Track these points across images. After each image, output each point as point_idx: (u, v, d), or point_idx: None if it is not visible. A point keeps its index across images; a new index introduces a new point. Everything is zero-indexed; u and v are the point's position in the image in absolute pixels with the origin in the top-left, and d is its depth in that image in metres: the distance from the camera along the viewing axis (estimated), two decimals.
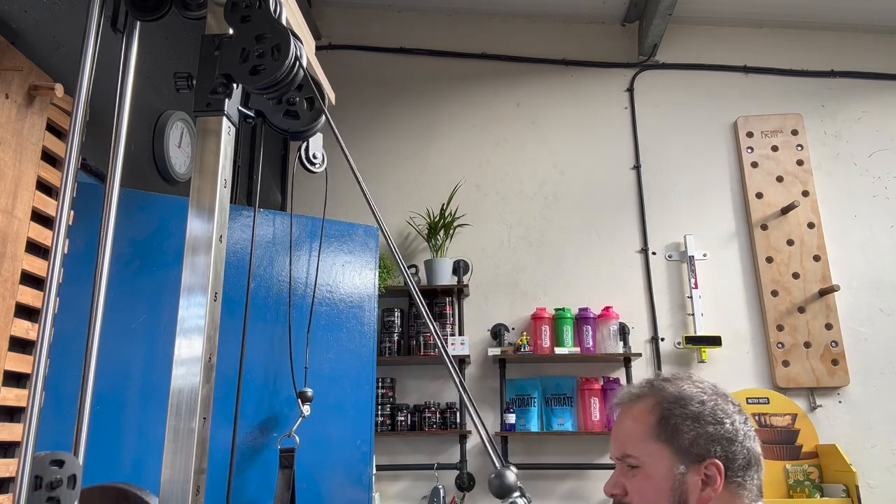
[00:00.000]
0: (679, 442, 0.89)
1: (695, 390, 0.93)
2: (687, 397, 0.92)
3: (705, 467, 0.88)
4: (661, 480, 0.88)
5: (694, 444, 0.89)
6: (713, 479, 0.87)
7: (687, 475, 0.88)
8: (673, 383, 0.95)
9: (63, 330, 1.10)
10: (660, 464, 0.89)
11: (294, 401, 1.63)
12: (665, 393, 0.94)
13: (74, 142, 1.11)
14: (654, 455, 0.90)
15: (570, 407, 3.20)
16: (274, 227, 1.79)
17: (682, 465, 0.88)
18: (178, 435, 0.88)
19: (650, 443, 0.91)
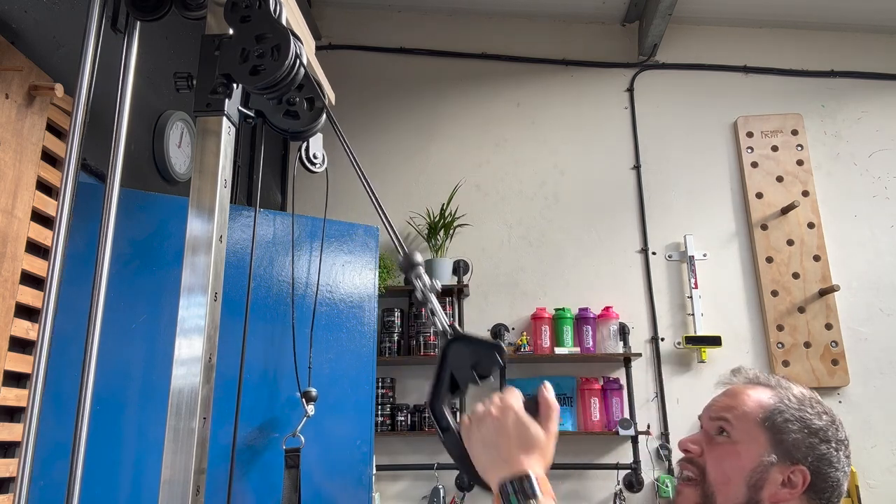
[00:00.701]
0: (781, 436, 0.89)
1: (818, 406, 0.94)
2: (808, 406, 0.92)
3: (792, 471, 0.88)
4: (747, 460, 0.88)
5: (795, 447, 0.89)
6: (794, 485, 0.87)
7: (773, 467, 0.88)
8: (799, 387, 0.96)
9: (63, 330, 1.10)
10: (752, 443, 0.89)
11: (295, 401, 1.63)
12: (790, 392, 0.94)
13: (74, 142, 1.11)
14: (752, 435, 0.90)
15: (570, 407, 3.20)
16: (274, 227, 1.79)
17: (775, 455, 0.88)
18: (178, 435, 0.88)
19: (754, 424, 0.90)
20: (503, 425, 0.76)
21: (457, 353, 0.84)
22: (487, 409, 0.79)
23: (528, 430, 0.76)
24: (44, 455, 1.12)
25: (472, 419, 0.80)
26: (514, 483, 0.72)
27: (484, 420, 0.78)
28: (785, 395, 0.93)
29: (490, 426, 0.77)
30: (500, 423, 0.77)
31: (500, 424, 0.76)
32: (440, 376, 0.84)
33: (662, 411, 3.19)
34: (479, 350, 0.84)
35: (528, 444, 0.75)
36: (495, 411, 0.78)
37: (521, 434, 0.76)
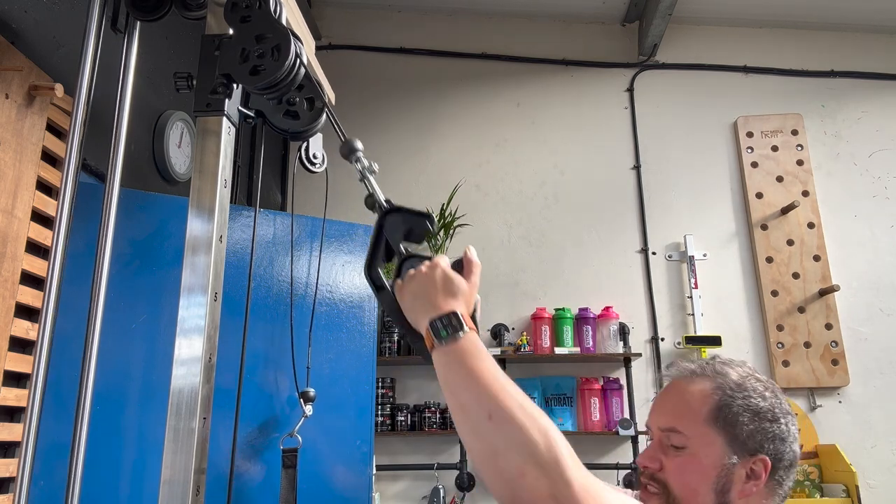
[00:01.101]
0: (734, 432, 0.88)
1: (756, 384, 0.92)
2: (750, 389, 0.91)
3: (753, 462, 0.87)
4: (709, 466, 0.87)
5: (749, 438, 0.87)
6: (758, 475, 0.87)
7: (735, 465, 0.87)
8: (735, 370, 0.94)
9: (63, 330, 1.10)
10: (710, 449, 0.87)
11: (294, 401, 1.63)
12: (727, 379, 0.92)
13: (74, 142, 1.11)
14: (706, 439, 0.88)
15: (570, 407, 3.20)
16: (274, 227, 1.79)
17: (734, 455, 0.87)
18: (178, 435, 0.88)
19: (704, 426, 0.89)
20: (431, 278, 0.84)
21: (392, 224, 0.93)
22: (418, 269, 0.86)
23: (453, 280, 0.83)
24: (44, 455, 1.12)
25: (404, 279, 0.87)
26: (442, 319, 0.78)
27: (415, 277, 0.85)
28: (726, 383, 0.91)
29: (420, 280, 0.84)
30: (428, 277, 0.84)
31: (429, 277, 0.84)
32: (376, 244, 0.92)
33: None
34: (411, 220, 0.92)
35: (452, 291, 0.82)
36: (425, 269, 0.85)
37: (447, 284, 0.83)
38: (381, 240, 0.92)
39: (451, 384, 0.74)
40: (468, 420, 0.71)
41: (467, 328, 0.77)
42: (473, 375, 0.72)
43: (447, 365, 0.75)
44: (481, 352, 0.75)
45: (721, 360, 0.97)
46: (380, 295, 0.89)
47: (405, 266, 0.90)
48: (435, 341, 0.77)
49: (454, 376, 0.74)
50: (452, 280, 0.83)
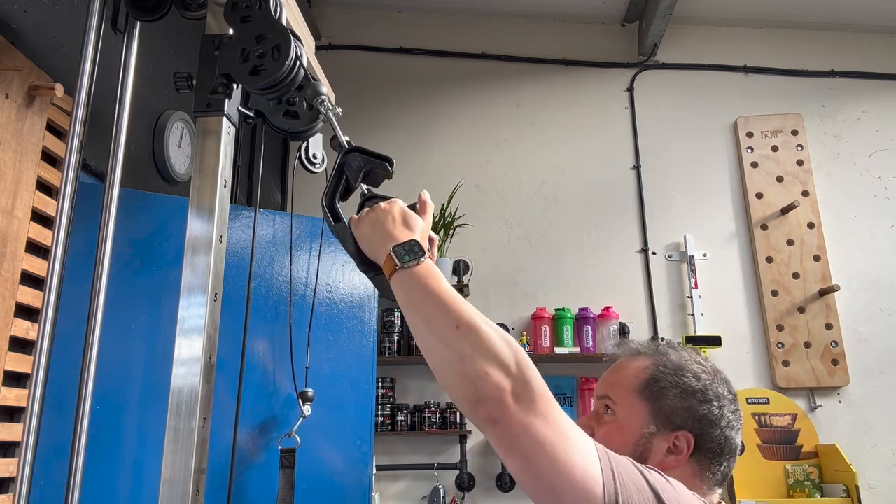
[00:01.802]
0: (660, 404, 0.90)
1: (695, 365, 0.93)
2: (684, 368, 0.92)
3: (676, 437, 0.88)
4: (629, 434, 0.89)
5: (674, 413, 0.89)
6: (680, 450, 0.88)
7: (655, 437, 0.88)
8: (677, 352, 0.96)
9: (63, 330, 1.10)
10: (633, 418, 0.90)
11: (294, 401, 1.63)
12: (665, 358, 0.94)
13: (74, 142, 1.11)
14: (631, 408, 0.91)
15: (570, 407, 3.20)
16: (274, 227, 1.79)
17: (653, 425, 0.89)
18: (178, 435, 0.88)
19: (633, 397, 0.92)
20: (389, 211, 0.90)
21: (353, 161, 0.96)
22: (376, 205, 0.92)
23: (411, 215, 0.90)
24: (44, 455, 1.12)
25: (360, 214, 0.92)
26: (404, 245, 0.84)
27: (374, 210, 0.91)
28: (662, 361, 0.93)
29: (379, 213, 0.90)
30: (386, 211, 0.90)
31: (387, 211, 0.90)
32: (336, 180, 0.95)
33: None
34: (371, 161, 0.96)
35: (410, 225, 0.89)
36: (383, 205, 0.91)
37: (405, 218, 0.89)
38: (342, 176, 0.96)
39: (415, 301, 0.79)
40: (433, 331, 0.76)
41: (427, 255, 0.83)
42: (439, 292, 0.78)
43: (409, 286, 0.80)
44: (440, 275, 0.81)
45: (668, 343, 0.99)
46: (336, 226, 0.92)
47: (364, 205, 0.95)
48: (398, 263, 0.82)
49: (418, 294, 0.79)
50: (410, 215, 0.90)
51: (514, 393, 0.69)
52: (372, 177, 0.97)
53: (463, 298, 0.79)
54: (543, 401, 0.70)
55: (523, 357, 0.73)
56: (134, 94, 1.19)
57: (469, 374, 0.71)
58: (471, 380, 0.71)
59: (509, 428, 0.69)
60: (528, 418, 0.69)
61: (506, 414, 0.69)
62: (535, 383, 0.71)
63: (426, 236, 0.92)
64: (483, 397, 0.70)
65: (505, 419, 0.69)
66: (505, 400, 0.69)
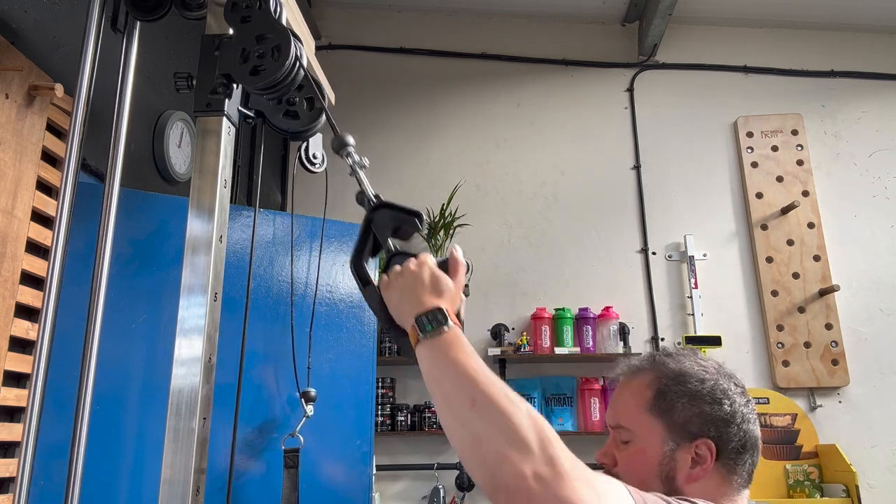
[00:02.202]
0: (673, 418, 0.88)
1: (696, 368, 0.92)
2: (687, 374, 0.91)
3: (696, 446, 0.86)
4: (652, 456, 0.88)
5: (688, 423, 0.87)
6: (703, 459, 0.86)
7: (677, 452, 0.87)
8: (675, 359, 0.94)
9: (63, 330, 1.10)
10: (651, 438, 0.88)
11: (295, 401, 1.63)
12: (665, 368, 0.93)
13: (74, 142, 1.11)
14: (646, 429, 0.89)
15: (570, 407, 3.20)
16: (274, 227, 1.79)
17: (672, 441, 0.87)
18: (178, 435, 0.88)
19: (644, 416, 0.90)
20: (419, 275, 0.86)
21: (381, 219, 0.93)
22: (406, 265, 0.88)
23: (440, 279, 0.86)
24: (44, 455, 1.12)
25: (390, 275, 0.88)
26: (427, 315, 0.80)
27: (402, 273, 0.87)
28: (662, 372, 0.92)
29: (407, 277, 0.86)
30: (415, 275, 0.86)
31: (416, 275, 0.86)
32: (364, 238, 0.92)
33: None
34: (400, 216, 0.92)
35: (439, 289, 0.84)
36: (413, 266, 0.87)
37: (434, 282, 0.85)
38: (369, 234, 0.93)
39: (435, 375, 0.76)
40: (451, 409, 0.72)
41: (452, 323, 0.79)
42: (456, 365, 0.74)
43: (431, 358, 0.77)
44: (465, 345, 0.77)
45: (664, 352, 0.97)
46: (365, 290, 0.90)
47: (392, 262, 0.90)
48: (420, 335, 0.79)
49: (437, 368, 0.76)
50: (439, 278, 0.86)
51: (538, 476, 0.62)
52: (401, 232, 0.93)
53: (486, 369, 0.73)
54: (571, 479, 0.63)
55: (548, 433, 0.66)
56: (134, 94, 1.19)
57: (486, 459, 0.65)
58: (487, 465, 0.65)
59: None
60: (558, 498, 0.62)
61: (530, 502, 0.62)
62: (561, 461, 0.64)
63: (456, 299, 0.86)
64: (501, 486, 0.64)
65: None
66: (525, 486, 0.62)
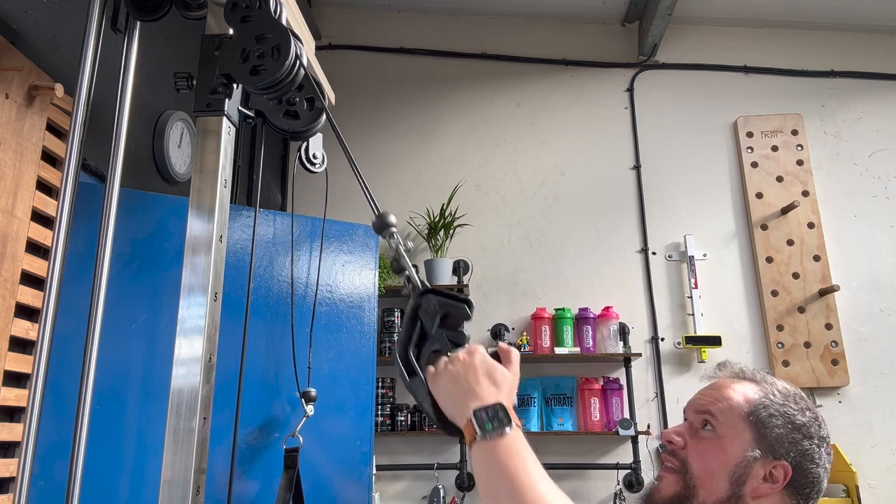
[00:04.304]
0: (765, 432, 0.90)
1: (801, 401, 0.94)
2: (792, 401, 0.93)
3: (774, 466, 0.88)
4: (732, 455, 0.89)
5: (778, 442, 0.89)
6: (776, 480, 0.88)
7: (756, 462, 0.88)
8: (783, 384, 0.96)
9: (63, 330, 1.10)
10: (737, 440, 0.89)
11: (295, 401, 1.63)
12: (775, 387, 0.94)
13: (74, 142, 1.11)
14: (736, 429, 0.90)
15: (570, 407, 3.20)
16: (274, 227, 1.79)
17: (758, 450, 0.89)
18: (178, 435, 0.88)
19: (738, 419, 0.91)
20: (472, 364, 0.79)
21: (427, 306, 0.86)
22: (455, 355, 0.82)
23: (496, 369, 0.79)
24: (44, 455, 1.12)
25: (438, 366, 0.82)
26: (488, 411, 0.73)
27: (453, 362, 0.81)
28: (770, 390, 0.94)
29: (459, 366, 0.79)
30: (468, 363, 0.79)
31: (469, 364, 0.79)
32: (411, 325, 0.86)
33: (662, 411, 3.19)
34: (448, 304, 0.86)
35: (496, 380, 0.78)
36: (463, 355, 0.81)
37: (490, 371, 0.79)
38: (416, 321, 0.87)
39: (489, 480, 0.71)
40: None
41: (514, 424, 0.73)
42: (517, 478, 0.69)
43: (488, 462, 0.72)
44: (525, 450, 0.72)
45: (772, 375, 0.99)
46: (412, 381, 0.83)
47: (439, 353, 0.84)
48: (478, 434, 0.72)
49: (493, 473, 0.71)
50: (496, 368, 0.80)
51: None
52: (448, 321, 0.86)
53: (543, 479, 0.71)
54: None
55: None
56: (134, 94, 1.19)
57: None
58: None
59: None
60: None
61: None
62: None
63: (513, 394, 0.81)
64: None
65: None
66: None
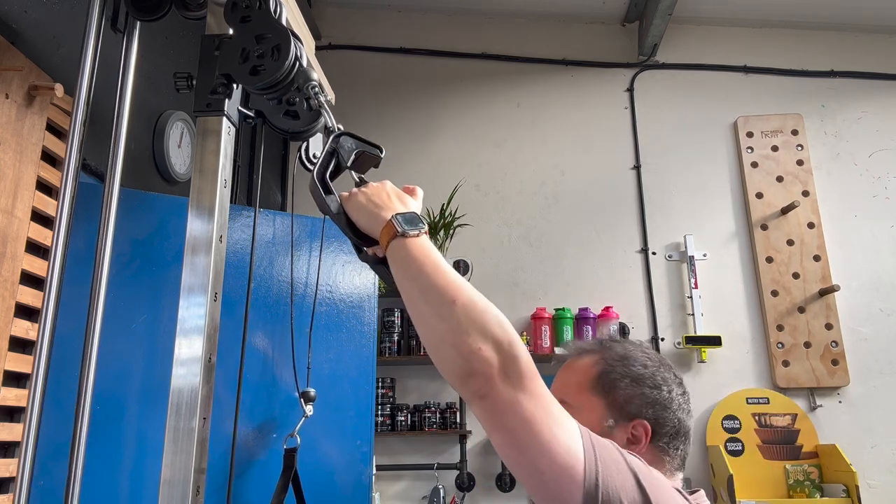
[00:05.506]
0: (614, 397, 0.92)
1: (640, 354, 0.97)
2: (631, 358, 0.95)
3: (633, 426, 0.90)
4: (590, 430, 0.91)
5: (627, 402, 0.92)
6: (638, 439, 0.90)
7: (614, 430, 0.90)
8: (621, 345, 0.99)
9: (63, 330, 1.10)
10: (591, 414, 0.92)
11: (293, 401, 1.63)
12: (612, 351, 0.97)
13: (74, 142, 1.11)
14: (587, 405, 0.93)
15: None
16: (274, 227, 1.79)
17: (611, 418, 0.91)
18: (178, 435, 0.88)
19: (586, 393, 0.94)
20: (384, 188, 0.89)
21: (345, 143, 0.95)
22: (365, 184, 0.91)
23: (403, 194, 0.90)
24: (44, 455, 1.12)
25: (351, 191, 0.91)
26: (406, 215, 0.83)
27: (367, 186, 0.90)
28: (608, 355, 0.97)
29: (373, 189, 0.89)
30: (381, 187, 0.89)
31: (382, 188, 0.89)
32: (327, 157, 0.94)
33: None
34: (364, 144, 0.96)
35: (406, 200, 0.88)
36: (374, 184, 0.90)
37: (400, 195, 0.89)
38: (333, 155, 0.94)
39: (413, 270, 0.78)
40: (430, 304, 0.75)
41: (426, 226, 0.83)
42: (439, 266, 0.78)
43: (409, 255, 0.79)
44: (436, 249, 0.81)
45: (611, 338, 1.02)
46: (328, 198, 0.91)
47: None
48: (399, 230, 0.81)
49: (417, 264, 0.78)
50: (403, 194, 0.90)
51: (503, 370, 0.71)
52: (361, 161, 0.97)
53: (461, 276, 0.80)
54: (531, 379, 0.72)
55: (515, 337, 0.74)
56: (134, 94, 1.19)
57: (461, 349, 0.71)
58: (462, 354, 0.71)
59: (496, 403, 0.70)
60: (516, 395, 0.70)
61: (494, 390, 0.70)
62: (523, 362, 0.73)
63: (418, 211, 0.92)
64: (473, 372, 0.70)
65: (493, 395, 0.70)
66: (494, 376, 0.70)
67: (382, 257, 0.85)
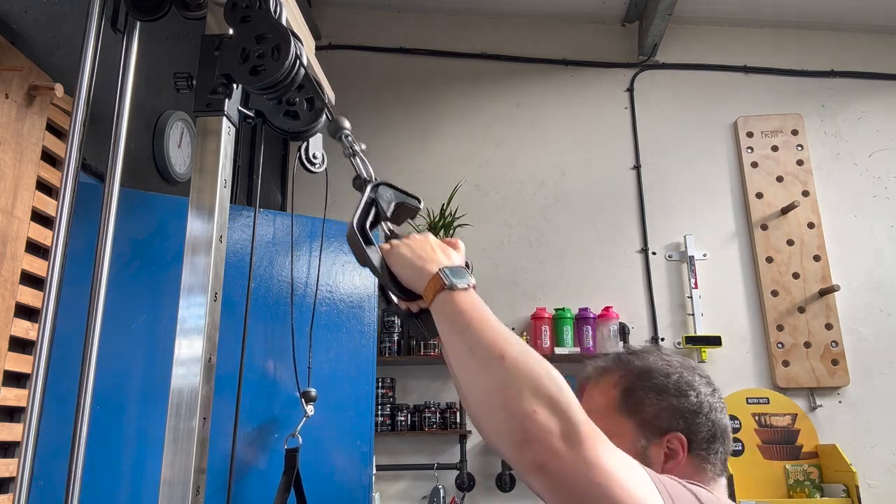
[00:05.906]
0: (641, 415, 0.89)
1: (660, 363, 0.93)
2: (652, 370, 0.92)
3: (667, 441, 0.87)
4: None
5: (656, 417, 0.89)
6: (676, 453, 0.87)
7: (649, 448, 0.87)
8: (640, 356, 0.95)
9: (63, 330, 1.10)
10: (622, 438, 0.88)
11: (294, 401, 1.63)
12: (631, 366, 0.94)
13: (74, 142, 1.11)
14: (618, 429, 0.89)
15: None
16: (274, 227, 1.79)
17: (643, 438, 0.88)
18: (178, 435, 0.88)
19: (613, 417, 0.91)
20: (428, 240, 0.86)
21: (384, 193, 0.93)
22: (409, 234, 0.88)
23: (447, 247, 0.86)
24: (44, 455, 1.12)
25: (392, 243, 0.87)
26: (452, 268, 0.79)
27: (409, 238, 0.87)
28: (627, 371, 0.94)
29: (416, 241, 0.86)
30: (424, 240, 0.86)
31: (426, 240, 0.86)
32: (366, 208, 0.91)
33: None
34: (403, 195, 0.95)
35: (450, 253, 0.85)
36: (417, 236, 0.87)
37: (444, 247, 0.86)
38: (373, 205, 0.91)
39: (461, 326, 0.74)
40: (476, 360, 0.70)
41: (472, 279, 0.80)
42: (488, 321, 0.73)
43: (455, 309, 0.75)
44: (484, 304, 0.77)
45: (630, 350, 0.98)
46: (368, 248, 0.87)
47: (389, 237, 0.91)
48: (447, 283, 0.77)
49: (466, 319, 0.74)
50: (446, 247, 0.87)
51: (564, 435, 0.63)
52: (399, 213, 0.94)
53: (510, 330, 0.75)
54: (595, 440, 0.65)
55: (570, 395, 0.67)
56: (134, 94, 1.19)
57: (514, 411, 0.65)
58: (515, 417, 0.64)
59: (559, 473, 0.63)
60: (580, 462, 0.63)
61: (555, 458, 0.62)
62: (584, 424, 0.65)
63: None
64: (530, 438, 0.63)
65: (553, 464, 0.62)
66: (553, 444, 0.63)
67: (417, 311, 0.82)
